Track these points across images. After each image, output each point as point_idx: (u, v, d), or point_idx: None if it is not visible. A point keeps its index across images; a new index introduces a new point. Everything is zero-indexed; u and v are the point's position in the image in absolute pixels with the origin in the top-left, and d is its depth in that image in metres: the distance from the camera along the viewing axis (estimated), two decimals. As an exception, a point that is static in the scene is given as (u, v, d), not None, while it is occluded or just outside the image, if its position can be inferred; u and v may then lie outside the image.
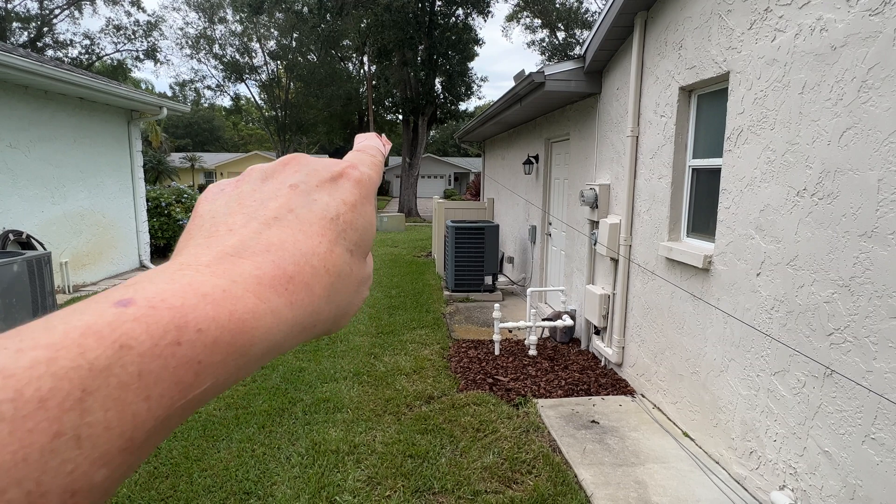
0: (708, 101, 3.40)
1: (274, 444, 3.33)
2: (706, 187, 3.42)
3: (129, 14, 26.15)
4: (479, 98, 44.09)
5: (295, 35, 22.91)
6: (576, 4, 23.77)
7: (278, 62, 24.69)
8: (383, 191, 42.44)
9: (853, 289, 2.20)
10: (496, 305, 5.05)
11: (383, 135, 0.37)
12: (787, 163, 2.56)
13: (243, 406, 3.85)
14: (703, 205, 3.47)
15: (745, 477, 2.87)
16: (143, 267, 8.95)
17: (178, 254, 0.24)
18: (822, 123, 2.35)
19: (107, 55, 26.63)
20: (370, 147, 0.34)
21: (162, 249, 9.89)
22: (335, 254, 0.25)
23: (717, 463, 3.11)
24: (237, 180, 0.28)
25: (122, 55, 26.28)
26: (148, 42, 25.72)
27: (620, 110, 4.34)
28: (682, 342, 3.49)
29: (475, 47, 21.93)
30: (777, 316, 2.63)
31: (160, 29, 25.90)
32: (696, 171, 3.53)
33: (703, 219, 3.46)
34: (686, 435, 3.43)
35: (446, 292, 7.37)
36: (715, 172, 3.24)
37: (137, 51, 26.05)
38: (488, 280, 7.32)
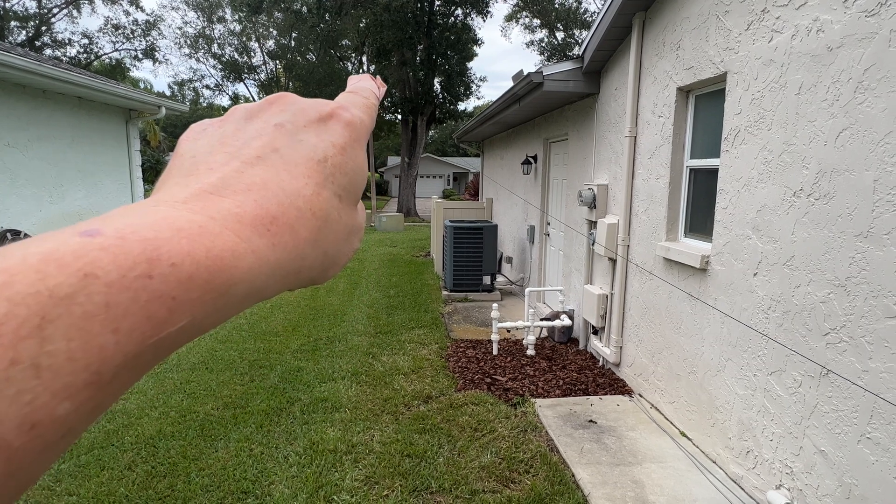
0: (705, 101, 3.41)
1: (272, 443, 3.34)
2: (704, 187, 3.42)
3: (127, 13, 26.10)
4: (479, 98, 44.15)
5: (294, 35, 22.90)
6: (575, 4, 23.80)
7: (277, 62, 24.69)
8: (382, 190, 42.42)
9: (849, 289, 2.21)
10: (494, 305, 5.05)
11: (378, 77, 0.35)
12: (783, 163, 2.57)
13: (241, 405, 3.85)
14: (700, 205, 3.48)
15: (742, 476, 2.88)
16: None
17: (155, 192, 0.22)
18: (819, 124, 2.36)
19: (105, 54, 26.59)
20: (363, 89, 0.32)
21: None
22: (322, 197, 0.23)
23: (714, 462, 3.12)
24: (220, 120, 0.27)
25: (120, 54, 26.25)
26: (146, 41, 25.71)
27: (618, 110, 4.34)
28: (680, 342, 3.50)
29: (474, 47, 21.94)
30: (774, 316, 2.64)
31: (159, 28, 25.91)
32: (694, 172, 3.54)
33: (700, 219, 3.47)
34: (683, 434, 3.44)
35: (445, 292, 7.38)
36: (712, 173, 3.25)
37: (136, 50, 26.03)
38: (487, 280, 7.33)
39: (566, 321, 5.22)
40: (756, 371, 2.78)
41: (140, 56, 26.12)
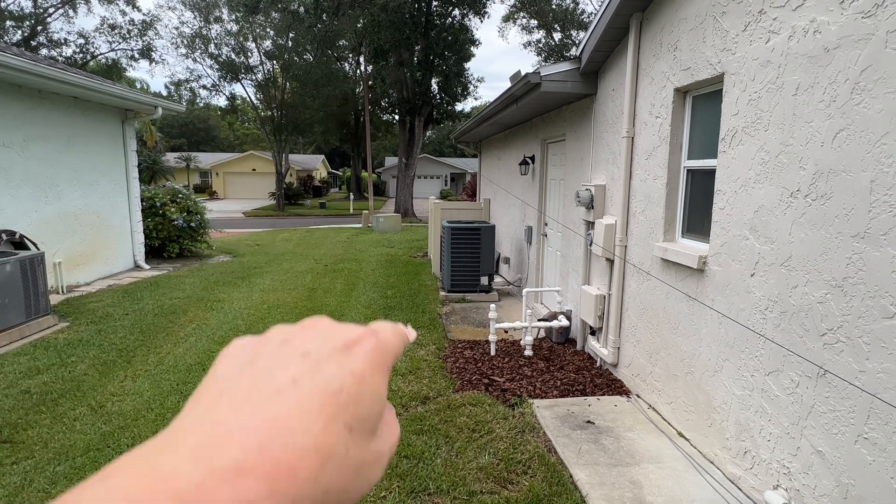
0: (703, 102, 3.41)
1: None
2: (701, 188, 3.43)
3: (123, 13, 26.02)
4: (476, 98, 44.19)
5: (291, 35, 22.86)
6: (572, 5, 23.83)
7: (274, 62, 24.63)
8: (380, 191, 42.40)
9: (846, 289, 2.22)
10: (492, 306, 5.05)
11: (409, 325, 0.35)
12: (780, 164, 2.58)
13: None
14: (697, 205, 3.48)
15: (740, 476, 2.89)
16: (137, 267, 8.91)
17: (180, 418, 0.24)
18: (816, 125, 2.37)
19: (101, 54, 26.49)
20: (399, 324, 0.33)
21: (157, 250, 9.85)
22: (330, 432, 0.24)
23: (712, 463, 3.12)
24: (259, 340, 0.28)
25: (116, 54, 26.15)
26: (143, 41, 25.62)
27: (616, 111, 4.35)
28: (677, 342, 3.50)
29: (471, 48, 21.95)
30: (771, 316, 2.64)
31: (155, 28, 25.80)
32: (691, 172, 3.54)
33: (697, 219, 3.47)
34: (681, 435, 3.44)
35: (442, 293, 7.37)
36: (710, 173, 3.25)
37: (132, 50, 25.94)
38: (484, 280, 7.33)
39: (564, 322, 5.22)
40: (753, 371, 2.78)
41: (136, 56, 26.04)
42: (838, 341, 2.26)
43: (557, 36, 24.60)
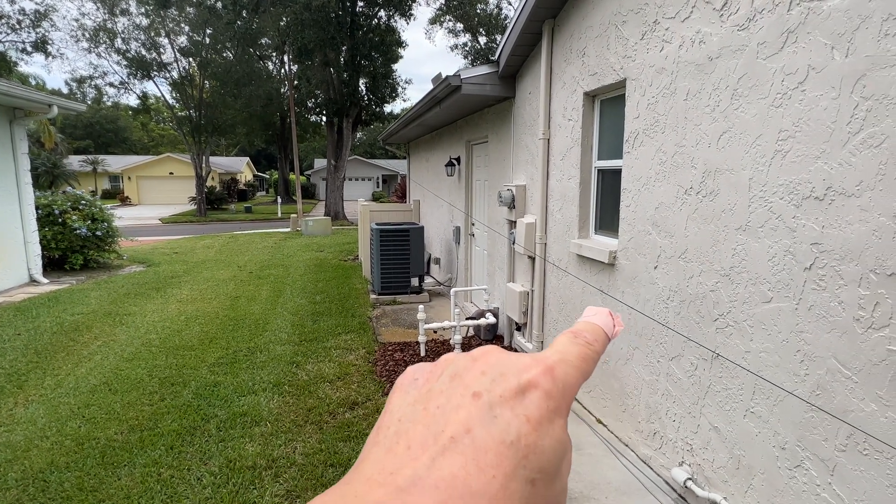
0: (609, 105, 3.61)
1: (183, 465, 3.13)
2: (610, 187, 3.63)
3: (12, 1, 23.45)
4: (405, 100, 44.15)
5: (208, 31, 21.67)
6: (495, 10, 24.43)
7: (190, 59, 23.24)
8: (309, 194, 41.25)
9: (732, 277, 2.43)
10: (421, 307, 5.06)
11: (619, 316, 0.32)
12: (676, 164, 2.78)
13: (149, 427, 3.58)
14: (608, 204, 3.68)
15: (651, 457, 3.08)
16: (33, 282, 8.08)
17: (362, 460, 0.24)
18: (703, 128, 2.57)
19: (-14, 46, 23.77)
20: (590, 330, 0.30)
21: (57, 262, 9.00)
22: (509, 490, 0.22)
23: (627, 446, 3.31)
24: (430, 370, 0.28)
25: (4, 46, 23.59)
26: (36, 33, 23.27)
27: (533, 114, 4.50)
28: (594, 334, 3.67)
29: (399, 49, 21.91)
30: (672, 305, 2.84)
31: (51, 19, 23.51)
32: (602, 172, 3.74)
33: (608, 217, 3.67)
34: (599, 422, 3.62)
35: (373, 296, 7.29)
36: (617, 173, 3.44)
37: (24, 42, 23.49)
38: (415, 282, 7.33)
39: (491, 319, 5.33)
40: (659, 357, 2.98)
41: (29, 49, 23.62)
42: (728, 325, 2.47)
43: (483, 40, 25.12)
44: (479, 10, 24.35)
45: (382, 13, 20.70)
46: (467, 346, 5.19)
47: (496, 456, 0.23)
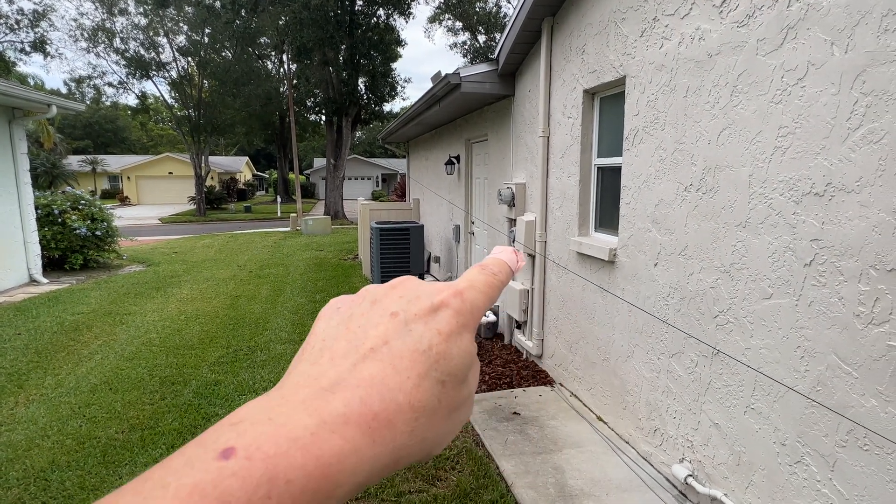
0: (609, 103, 3.61)
1: (184, 463, 3.13)
2: (610, 184, 3.63)
3: (10, 1, 23.40)
4: (404, 99, 44.14)
5: (207, 30, 21.63)
6: (494, 9, 24.40)
7: (189, 59, 23.20)
8: (309, 193, 41.24)
9: (732, 274, 2.43)
10: (421, 305, 5.06)
11: (521, 251, 0.35)
12: (675, 161, 2.78)
13: (150, 426, 3.58)
14: (608, 201, 3.68)
15: (651, 454, 3.08)
16: (33, 282, 8.08)
17: (288, 373, 0.27)
18: (703, 124, 2.57)
19: (-16, 46, 23.75)
20: (494, 263, 0.34)
21: (57, 262, 8.99)
22: (422, 388, 0.26)
23: (627, 443, 3.31)
24: (352, 299, 0.31)
25: (2, 47, 23.56)
26: (35, 33, 23.23)
27: (532, 111, 4.50)
28: (594, 331, 3.68)
29: (398, 48, 21.89)
30: (672, 302, 2.85)
31: (49, 19, 23.45)
32: (601, 170, 3.74)
33: (608, 214, 3.67)
34: (600, 419, 3.62)
35: (373, 295, 7.28)
36: (617, 170, 3.44)
37: (22, 42, 23.45)
38: (415, 280, 7.32)
39: (491, 317, 5.34)
40: (660, 354, 2.98)
41: (27, 49, 23.58)
42: (728, 322, 2.47)
43: (482, 38, 25.10)
44: (478, 9, 24.32)
45: (381, 12, 20.68)
46: (467, 344, 5.19)
47: (411, 361, 0.26)
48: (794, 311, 2.12)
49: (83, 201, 9.24)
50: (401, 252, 7.12)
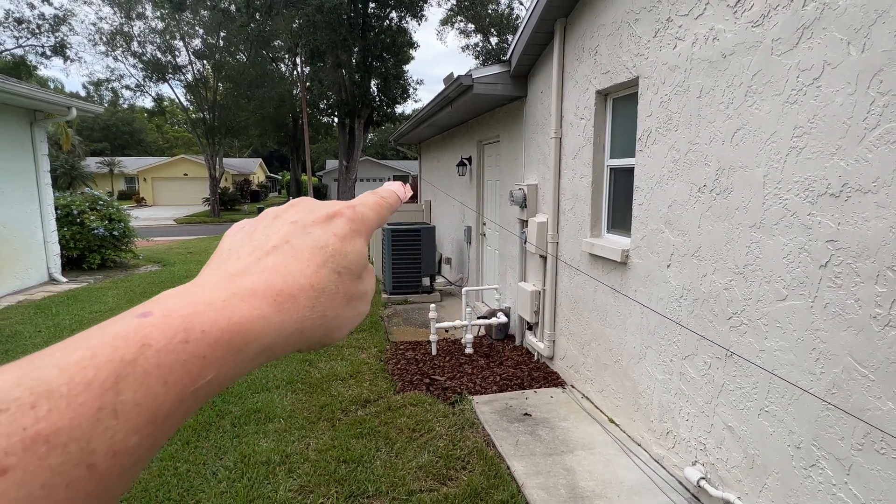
0: (622, 104, 3.60)
1: (199, 459, 3.18)
2: (623, 185, 3.62)
3: (32, 6, 23.89)
4: (416, 101, 44.24)
5: (222, 34, 21.92)
6: (507, 11, 24.40)
7: (204, 62, 23.52)
8: (321, 194, 41.51)
9: (746, 275, 2.41)
10: (432, 306, 5.08)
11: (408, 185, 0.41)
12: (689, 161, 2.77)
13: (166, 422, 3.63)
14: (620, 202, 3.67)
15: (663, 456, 3.06)
16: (53, 280, 8.25)
17: (197, 276, 0.30)
18: (717, 125, 2.56)
19: (6, 51, 24.33)
20: (385, 189, 0.39)
21: (75, 261, 9.16)
22: (321, 274, 0.29)
23: (639, 445, 3.29)
24: (254, 220, 0.34)
25: (24, 51, 24.09)
26: (55, 37, 23.72)
27: (545, 113, 4.50)
28: (606, 333, 3.67)
29: (410, 50, 21.99)
30: (685, 304, 2.83)
31: (69, 24, 23.93)
32: (614, 171, 3.73)
33: (620, 215, 3.66)
34: (611, 421, 3.60)
35: (384, 295, 7.33)
36: (629, 171, 3.43)
37: (43, 46, 23.96)
38: (426, 281, 7.35)
39: (502, 318, 5.34)
40: (672, 356, 2.97)
41: (48, 53, 24.08)
42: (742, 324, 2.45)
43: (494, 40, 25.11)
44: (490, 11, 24.34)
45: (394, 14, 20.80)
46: (478, 345, 5.20)
47: (310, 253, 0.30)
48: (810, 312, 2.10)
49: (101, 202, 9.41)
50: (412, 253, 7.15)
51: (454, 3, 23.99)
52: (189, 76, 23.70)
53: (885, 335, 1.81)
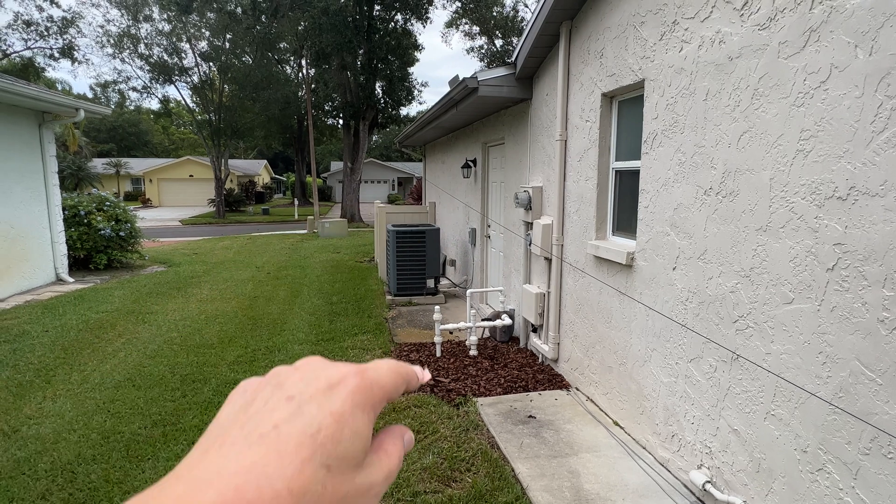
0: (627, 106, 3.60)
1: (205, 459, 3.19)
2: (628, 188, 3.61)
3: (41, 9, 24.08)
4: (421, 103, 44.24)
5: (228, 36, 22.04)
6: (511, 13, 24.42)
7: (210, 64, 23.65)
8: (326, 196, 41.62)
9: (753, 278, 2.41)
10: (436, 308, 5.08)
11: (427, 370, 0.36)
12: (695, 164, 2.76)
13: (172, 423, 3.66)
14: (626, 205, 3.66)
15: (669, 459, 3.05)
16: (60, 280, 8.30)
17: (185, 458, 0.26)
18: (724, 128, 2.56)
19: (15, 53, 24.53)
20: (408, 365, 0.34)
21: (82, 261, 9.23)
22: (304, 473, 0.25)
23: (644, 448, 3.28)
24: (259, 383, 0.30)
25: (32, 53, 24.29)
26: (63, 39, 23.91)
27: (550, 115, 4.50)
28: (611, 335, 3.66)
29: (415, 52, 22.04)
30: (691, 306, 2.82)
31: (77, 26, 24.12)
32: (619, 173, 3.72)
33: (626, 218, 3.65)
34: (616, 424, 3.60)
35: (389, 297, 7.34)
36: (635, 174, 3.43)
37: (51, 48, 24.16)
38: (430, 283, 7.36)
39: (507, 320, 5.33)
40: (678, 359, 2.96)
41: (56, 55, 24.27)
42: (748, 327, 2.45)
43: (499, 42, 25.13)
44: (495, 13, 24.37)
45: (399, 17, 20.86)
46: (483, 347, 5.20)
47: (297, 445, 0.25)
48: (816, 316, 2.09)
49: (108, 203, 9.48)
50: (417, 255, 7.16)
51: (459, 5, 24.04)
52: (195, 78, 23.83)
53: (893, 339, 1.80)
